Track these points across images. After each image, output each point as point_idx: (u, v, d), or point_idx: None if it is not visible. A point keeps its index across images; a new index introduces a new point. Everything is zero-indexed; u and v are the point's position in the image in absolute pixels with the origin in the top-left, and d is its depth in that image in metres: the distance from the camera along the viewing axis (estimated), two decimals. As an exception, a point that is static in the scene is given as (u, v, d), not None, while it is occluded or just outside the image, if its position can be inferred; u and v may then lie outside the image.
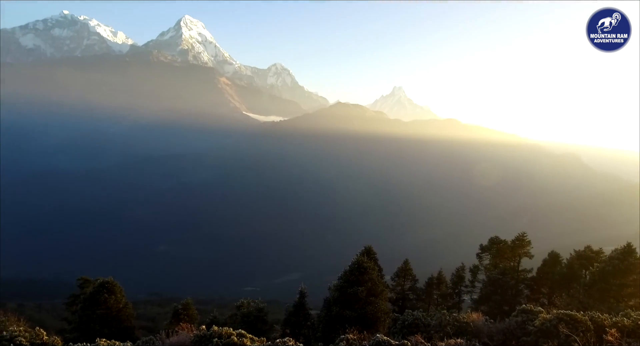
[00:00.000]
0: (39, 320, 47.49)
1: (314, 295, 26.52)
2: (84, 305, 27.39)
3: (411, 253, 50.22)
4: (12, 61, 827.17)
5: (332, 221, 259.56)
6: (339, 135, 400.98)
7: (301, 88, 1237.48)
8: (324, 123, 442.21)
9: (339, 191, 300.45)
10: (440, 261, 43.68)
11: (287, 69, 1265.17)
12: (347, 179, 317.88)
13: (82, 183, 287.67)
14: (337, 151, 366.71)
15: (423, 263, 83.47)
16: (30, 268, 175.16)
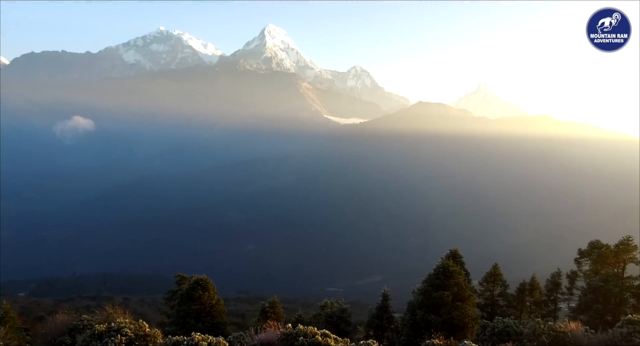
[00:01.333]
0: (141, 313, 51.78)
1: (397, 297, 26.23)
2: (180, 300, 29.35)
3: (500, 258, 47.75)
4: (117, 76, 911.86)
5: (415, 223, 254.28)
6: (421, 135, 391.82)
7: (381, 90, 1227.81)
8: (405, 123, 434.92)
9: (422, 192, 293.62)
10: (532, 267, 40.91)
11: (366, 71, 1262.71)
12: (430, 180, 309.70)
13: (178, 187, 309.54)
14: (419, 151, 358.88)
15: (513, 268, 78.93)
16: (133, 265, 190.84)
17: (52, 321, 31.54)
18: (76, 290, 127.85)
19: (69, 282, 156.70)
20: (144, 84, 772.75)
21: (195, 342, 16.65)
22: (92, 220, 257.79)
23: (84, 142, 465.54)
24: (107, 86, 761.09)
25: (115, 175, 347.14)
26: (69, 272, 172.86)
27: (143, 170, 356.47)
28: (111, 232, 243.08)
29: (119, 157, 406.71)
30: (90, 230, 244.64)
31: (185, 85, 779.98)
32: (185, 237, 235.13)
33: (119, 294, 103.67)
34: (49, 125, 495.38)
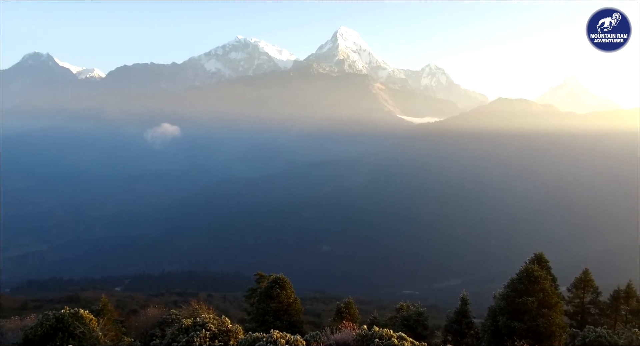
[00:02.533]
0: (224, 309, 54.26)
1: (477, 302, 25.21)
2: (259, 298, 30.34)
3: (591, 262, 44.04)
4: (199, 84, 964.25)
5: (496, 225, 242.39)
6: (502, 132, 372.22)
7: (457, 87, 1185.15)
8: (483, 121, 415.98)
9: (503, 193, 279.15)
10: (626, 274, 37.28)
11: (441, 69, 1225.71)
12: (512, 180, 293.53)
13: (257, 189, 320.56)
14: (499, 150, 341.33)
15: (604, 274, 72.35)
16: (216, 263, 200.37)
17: (144, 314, 34.03)
18: (165, 286, 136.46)
19: (158, 278, 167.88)
20: (224, 91, 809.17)
21: (274, 340, 17.09)
22: (178, 221, 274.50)
23: (172, 147, 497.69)
24: (191, 94, 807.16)
25: (199, 177, 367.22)
26: (159, 269, 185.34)
27: (224, 173, 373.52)
28: (196, 231, 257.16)
29: (202, 161, 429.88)
30: (177, 230, 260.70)
31: (262, 90, 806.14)
32: (264, 236, 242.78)
33: (203, 290, 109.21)
34: (140, 132, 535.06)
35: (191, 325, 19.84)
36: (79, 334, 20.23)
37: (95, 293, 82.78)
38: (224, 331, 19.61)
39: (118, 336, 26.94)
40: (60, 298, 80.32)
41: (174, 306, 37.09)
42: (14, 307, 73.39)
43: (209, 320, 20.20)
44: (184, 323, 20.23)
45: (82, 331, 20.43)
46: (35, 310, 55.59)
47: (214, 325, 19.65)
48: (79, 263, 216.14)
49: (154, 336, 25.72)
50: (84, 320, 21.19)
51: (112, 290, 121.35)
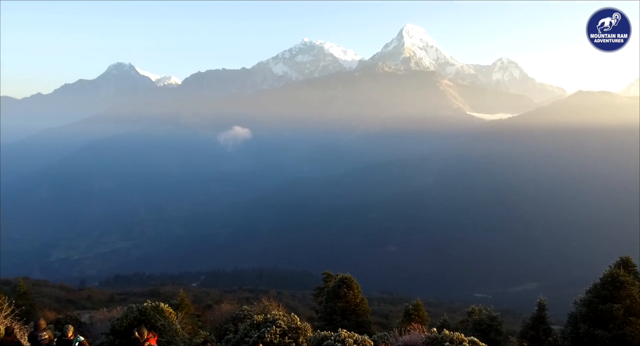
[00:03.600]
0: (293, 307, 55.35)
1: (555, 308, 23.87)
2: (327, 297, 30.66)
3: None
4: (267, 88, 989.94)
5: (576, 226, 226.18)
6: (582, 128, 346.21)
7: (532, 81, 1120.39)
8: (561, 116, 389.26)
9: (584, 192, 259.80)
10: None
11: (514, 62, 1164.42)
12: (594, 178, 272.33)
13: (324, 189, 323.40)
14: (579, 147, 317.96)
15: None
16: (285, 262, 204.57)
17: (218, 310, 35.62)
18: (237, 282, 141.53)
19: (231, 275, 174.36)
20: (291, 94, 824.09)
21: (342, 339, 17.28)
22: (250, 220, 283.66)
23: (243, 149, 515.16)
24: (260, 98, 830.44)
25: (269, 178, 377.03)
26: (232, 266, 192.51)
27: (293, 174, 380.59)
28: (266, 230, 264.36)
29: (271, 162, 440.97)
30: (249, 229, 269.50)
31: (327, 91, 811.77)
32: (331, 236, 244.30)
33: (273, 288, 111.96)
34: (214, 135, 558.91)
35: (262, 321, 20.53)
36: (159, 326, 21.56)
37: (174, 288, 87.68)
38: (293, 329, 20.09)
39: (195, 329, 28.26)
40: (143, 292, 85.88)
41: (245, 303, 38.44)
42: (102, 300, 79.52)
43: (279, 317, 20.78)
44: (255, 319, 20.98)
45: (163, 323, 21.76)
46: (120, 303, 59.98)
47: (284, 322, 20.19)
48: (160, 260, 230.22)
49: (228, 330, 26.86)
50: (164, 313, 22.57)
51: (189, 285, 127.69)
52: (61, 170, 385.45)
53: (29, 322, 15.21)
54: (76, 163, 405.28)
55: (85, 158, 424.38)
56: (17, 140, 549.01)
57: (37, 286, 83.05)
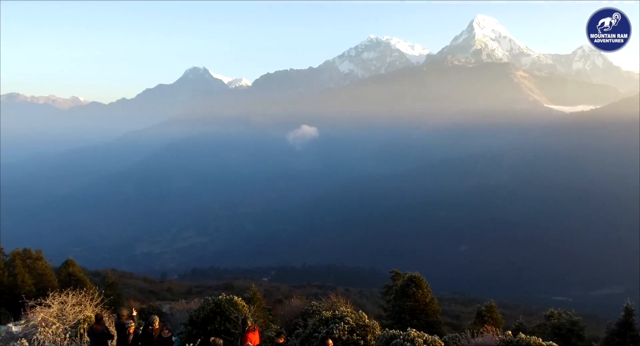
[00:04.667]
0: (360, 304, 55.39)
1: (645, 314, 21.95)
2: (395, 295, 30.45)
3: None
4: (333, 86, 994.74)
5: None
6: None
7: (617, 69, 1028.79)
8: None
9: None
10: None
11: (596, 50, 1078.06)
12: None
13: (391, 186, 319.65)
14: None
15: None
16: (352, 259, 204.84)
17: (288, 304, 36.51)
18: (306, 278, 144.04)
19: (300, 271, 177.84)
20: (357, 91, 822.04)
21: (411, 338, 17.12)
22: (317, 217, 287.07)
23: (310, 147, 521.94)
24: (326, 96, 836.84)
25: (336, 175, 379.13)
26: (300, 262, 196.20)
27: (359, 171, 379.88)
28: (333, 227, 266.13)
29: (338, 160, 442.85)
30: (316, 225, 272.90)
31: (394, 88, 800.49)
32: (399, 234, 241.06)
33: (340, 285, 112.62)
34: (283, 134, 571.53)
35: (330, 317, 20.81)
36: (233, 318, 22.56)
37: (246, 282, 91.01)
38: (361, 326, 20.19)
39: (266, 323, 29.18)
40: (218, 286, 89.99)
41: (314, 298, 39.08)
42: (181, 291, 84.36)
43: (347, 313, 20.96)
44: (324, 315, 21.31)
45: (236, 316, 22.73)
46: (197, 295, 63.29)
47: (352, 318, 20.33)
48: (233, 255, 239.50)
49: (297, 325, 27.47)
50: (237, 306, 23.58)
51: (260, 279, 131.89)
52: (143, 170, 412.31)
53: (116, 311, 16.49)
54: (156, 164, 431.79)
55: (165, 158, 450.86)
56: (104, 142, 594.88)
57: (123, 278, 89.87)
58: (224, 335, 21.76)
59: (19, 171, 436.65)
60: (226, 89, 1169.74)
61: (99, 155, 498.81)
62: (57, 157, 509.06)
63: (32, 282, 50.39)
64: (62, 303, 19.22)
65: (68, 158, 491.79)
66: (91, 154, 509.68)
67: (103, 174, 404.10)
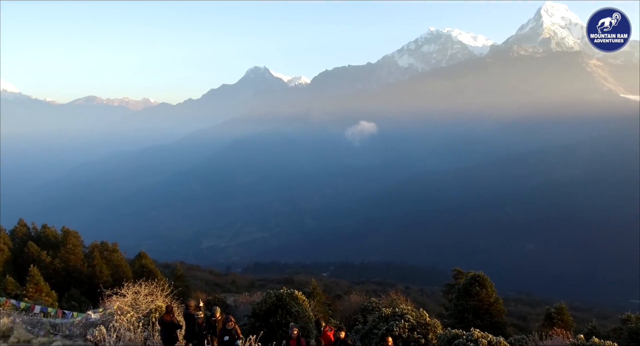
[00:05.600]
0: (421, 303, 54.61)
1: None
2: (458, 294, 29.72)
3: None
4: (392, 81, 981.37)
5: None
6: None
7: None
8: None
9: None
10: None
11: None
12: None
13: (453, 182, 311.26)
14: None
15: None
16: (412, 256, 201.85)
17: (347, 300, 36.72)
18: (365, 274, 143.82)
19: (359, 267, 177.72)
20: (417, 86, 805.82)
21: (475, 338, 16.69)
22: (376, 213, 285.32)
23: (369, 143, 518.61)
24: (385, 92, 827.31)
25: (395, 172, 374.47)
26: (359, 258, 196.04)
27: (419, 167, 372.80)
28: (392, 224, 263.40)
29: (397, 155, 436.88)
30: (375, 222, 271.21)
31: (456, 81, 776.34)
32: (461, 231, 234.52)
33: (400, 282, 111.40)
34: (341, 131, 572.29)
35: (390, 314, 20.71)
36: (294, 312, 23.03)
37: (306, 277, 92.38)
38: (422, 324, 19.92)
39: (326, 317, 29.49)
40: (279, 280, 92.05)
41: (373, 295, 38.99)
42: (244, 284, 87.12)
43: (408, 311, 20.75)
44: (383, 311, 21.24)
45: (297, 310, 23.18)
46: (260, 288, 65.12)
47: (412, 316, 20.11)
48: (293, 250, 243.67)
49: (357, 321, 27.59)
50: (298, 300, 24.03)
51: (320, 275, 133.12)
52: (209, 168, 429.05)
53: (184, 302, 17.35)
54: (221, 161, 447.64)
55: (229, 156, 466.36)
56: (173, 141, 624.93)
57: (191, 270, 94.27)
58: (285, 328, 22.29)
59: (97, 169, 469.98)
60: (286, 87, 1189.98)
61: (168, 154, 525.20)
62: (131, 155, 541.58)
63: (109, 273, 54.17)
64: (136, 293, 20.45)
65: (140, 157, 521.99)
66: (161, 152, 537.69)
67: (172, 171, 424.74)
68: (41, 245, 54.79)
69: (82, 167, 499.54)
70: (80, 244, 57.40)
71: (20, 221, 61.30)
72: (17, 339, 20.12)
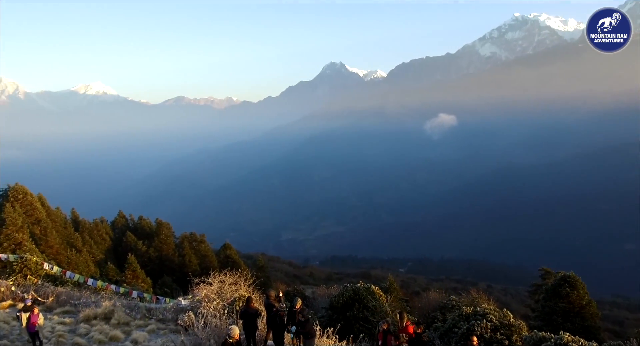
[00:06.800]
0: (504, 302, 52.24)
1: None
2: (545, 295, 28.16)
3: None
4: (473, 71, 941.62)
5: None
6: None
7: None
8: None
9: None
10: None
11: None
12: None
13: (540, 176, 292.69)
14: None
15: None
16: (495, 254, 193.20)
17: (425, 297, 36.19)
18: (444, 271, 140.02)
19: (438, 264, 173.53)
20: (500, 75, 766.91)
21: (564, 342, 15.90)
22: (456, 209, 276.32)
23: (448, 136, 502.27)
24: (465, 82, 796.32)
25: (476, 166, 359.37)
26: (438, 255, 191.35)
27: (502, 161, 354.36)
28: (473, 220, 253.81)
29: (478, 149, 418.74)
30: (454, 218, 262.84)
31: (544, 68, 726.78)
32: (549, 229, 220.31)
33: (482, 281, 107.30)
34: (419, 124, 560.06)
35: (471, 313, 20.13)
36: (371, 307, 23.17)
37: (383, 272, 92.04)
38: (506, 325, 19.19)
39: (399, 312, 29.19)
40: (356, 274, 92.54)
41: (453, 293, 38.01)
42: (322, 277, 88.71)
43: (490, 311, 20.07)
44: (464, 310, 20.70)
45: (374, 304, 23.30)
46: (337, 282, 66.01)
47: (495, 317, 19.43)
48: (369, 244, 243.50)
49: (436, 319, 27.11)
50: (375, 295, 24.14)
51: (397, 270, 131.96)
52: (288, 163, 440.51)
53: (265, 292, 18.10)
54: (299, 156, 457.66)
55: (306, 151, 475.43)
56: (254, 137, 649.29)
57: (271, 262, 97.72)
58: (362, 322, 22.48)
59: (186, 165, 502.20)
60: (362, 82, 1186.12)
61: (250, 150, 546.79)
62: (216, 152, 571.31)
63: (197, 262, 57.86)
64: (221, 282, 21.64)
65: (224, 153, 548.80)
66: (243, 149, 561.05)
67: (253, 167, 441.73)
68: (137, 235, 59.79)
69: (173, 163, 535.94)
70: (172, 235, 61.91)
71: (119, 213, 67.34)
72: (117, 321, 22.22)
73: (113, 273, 45.40)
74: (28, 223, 41.40)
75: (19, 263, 29.39)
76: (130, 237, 57.79)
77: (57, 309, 23.94)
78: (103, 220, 63.40)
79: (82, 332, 20.53)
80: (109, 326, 21.48)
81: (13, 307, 23.31)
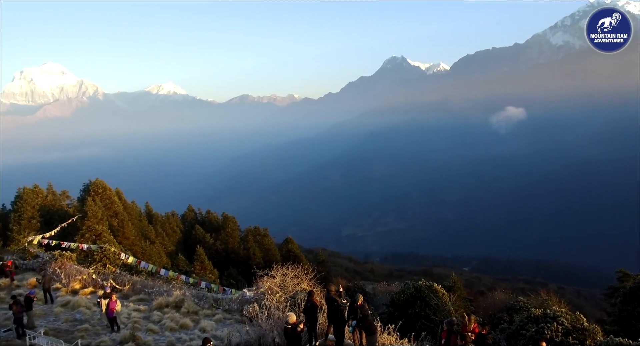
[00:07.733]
0: (577, 305, 49.32)
1: None
2: (623, 299, 26.43)
3: None
4: (544, 62, 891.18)
5: None
6: None
7: None
8: None
9: None
10: None
11: None
12: None
13: (618, 173, 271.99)
14: None
15: None
16: (567, 254, 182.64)
17: (491, 297, 35.06)
18: (511, 271, 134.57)
19: (504, 263, 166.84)
20: (574, 65, 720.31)
21: (644, 349, 14.89)
22: (524, 206, 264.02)
23: (517, 130, 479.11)
24: (535, 73, 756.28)
25: (547, 161, 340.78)
26: (504, 254, 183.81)
27: (577, 156, 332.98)
28: (543, 218, 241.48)
29: (550, 143, 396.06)
30: (523, 216, 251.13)
31: (624, 57, 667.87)
32: (629, 228, 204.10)
33: (552, 281, 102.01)
34: (484, 118, 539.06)
35: (541, 315, 19.38)
36: (433, 305, 22.84)
37: (446, 270, 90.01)
38: (578, 329, 18.32)
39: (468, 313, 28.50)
40: (417, 271, 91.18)
41: (520, 293, 36.51)
42: (382, 273, 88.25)
43: (561, 314, 19.22)
44: (533, 312, 19.95)
45: (436, 303, 22.96)
46: (398, 279, 65.40)
47: (567, 320, 18.59)
48: (431, 242, 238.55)
49: (502, 320, 26.22)
50: (437, 293, 23.77)
51: (460, 269, 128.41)
52: (348, 158, 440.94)
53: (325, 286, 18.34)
54: (359, 152, 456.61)
55: (367, 147, 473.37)
56: (315, 134, 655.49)
57: (332, 257, 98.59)
58: (424, 320, 22.21)
59: (250, 161, 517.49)
60: (424, 76, 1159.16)
61: (311, 146, 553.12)
62: (278, 148, 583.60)
63: (261, 255, 59.66)
64: (284, 275, 22.20)
65: (286, 149, 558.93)
66: (304, 145, 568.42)
67: (314, 163, 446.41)
68: (205, 228, 62.63)
69: (238, 159, 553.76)
70: (237, 228, 64.23)
71: (189, 207, 70.81)
72: (187, 309, 23.55)
73: (183, 264, 47.87)
74: (107, 215, 44.64)
75: (99, 253, 31.80)
76: (199, 230, 60.62)
77: (132, 297, 25.75)
78: (174, 214, 66.94)
79: (155, 319, 21.96)
80: (179, 314, 22.80)
81: (94, 293, 25.36)
